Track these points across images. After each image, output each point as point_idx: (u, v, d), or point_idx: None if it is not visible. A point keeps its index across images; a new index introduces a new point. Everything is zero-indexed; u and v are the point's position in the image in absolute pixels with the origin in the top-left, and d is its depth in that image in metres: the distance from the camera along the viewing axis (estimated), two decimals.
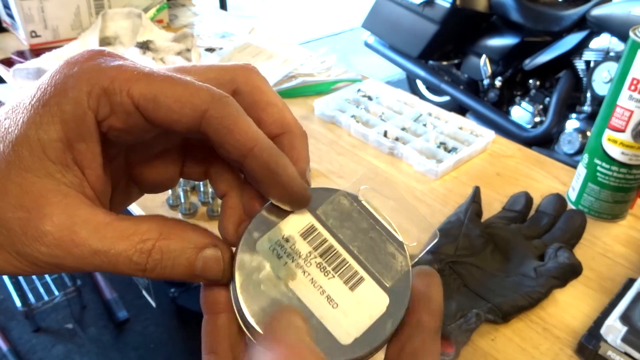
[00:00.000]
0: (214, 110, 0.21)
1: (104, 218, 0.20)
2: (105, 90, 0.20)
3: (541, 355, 0.49)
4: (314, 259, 0.22)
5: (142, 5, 1.16)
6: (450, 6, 2.22)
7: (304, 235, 0.23)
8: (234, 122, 0.21)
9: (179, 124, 0.21)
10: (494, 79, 2.26)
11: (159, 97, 0.20)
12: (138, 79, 0.20)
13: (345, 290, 0.22)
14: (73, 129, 0.20)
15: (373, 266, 0.23)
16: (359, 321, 0.21)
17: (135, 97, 0.20)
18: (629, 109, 0.59)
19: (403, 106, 0.90)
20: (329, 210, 0.24)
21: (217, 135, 0.21)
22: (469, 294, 0.52)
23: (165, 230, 0.21)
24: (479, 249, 0.57)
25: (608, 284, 0.57)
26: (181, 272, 0.21)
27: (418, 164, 0.75)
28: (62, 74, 0.20)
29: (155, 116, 0.21)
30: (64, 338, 1.50)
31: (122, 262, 0.20)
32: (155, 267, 0.20)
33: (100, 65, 0.21)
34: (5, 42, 1.10)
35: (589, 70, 1.91)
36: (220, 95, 0.21)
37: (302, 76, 0.98)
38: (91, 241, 0.19)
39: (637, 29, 0.58)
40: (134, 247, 0.20)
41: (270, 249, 0.22)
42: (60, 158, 0.20)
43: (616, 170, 0.62)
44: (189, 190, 0.67)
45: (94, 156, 0.21)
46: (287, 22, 4.13)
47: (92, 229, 0.20)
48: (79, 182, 0.20)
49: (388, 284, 0.22)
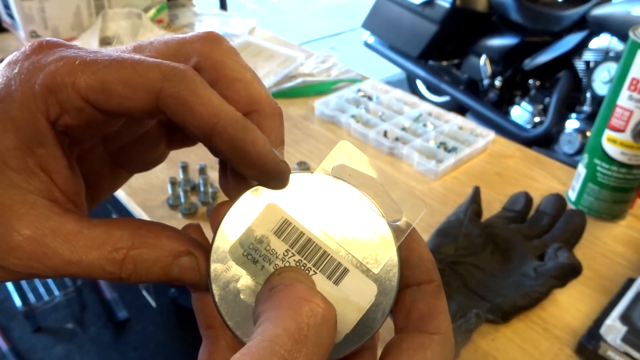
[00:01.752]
0: (168, 88, 0.19)
1: (74, 226, 0.19)
2: (49, 88, 0.18)
3: (541, 355, 0.49)
4: (292, 257, 0.21)
5: (142, 5, 1.16)
6: (450, 6, 2.22)
7: (277, 232, 0.21)
8: (191, 98, 0.19)
9: (135, 110, 0.19)
10: (494, 79, 2.26)
11: (107, 84, 0.18)
12: (82, 69, 0.18)
13: (330, 285, 0.20)
14: (27, 134, 0.19)
15: (357, 254, 0.21)
16: (348, 316, 0.20)
17: (82, 90, 0.18)
18: (628, 109, 0.59)
19: (403, 106, 0.90)
20: (301, 198, 0.21)
21: (177, 116, 0.19)
22: (469, 294, 0.52)
23: (137, 239, 0.20)
24: (479, 249, 0.57)
25: (608, 283, 0.57)
26: (157, 279, 0.20)
27: (418, 164, 0.75)
28: (4, 77, 0.19)
29: (108, 107, 0.19)
30: (64, 338, 1.50)
31: (95, 271, 0.19)
32: (129, 275, 0.20)
33: (40, 61, 0.19)
34: (5, 42, 1.10)
35: (589, 70, 1.91)
36: (173, 70, 0.19)
37: (302, 76, 0.98)
38: (62, 252, 0.19)
39: (637, 29, 0.58)
40: (105, 257, 0.19)
41: (244, 255, 0.21)
42: (22, 166, 0.19)
43: (616, 170, 0.62)
44: (189, 190, 0.67)
45: (57, 159, 0.19)
46: (287, 22, 4.13)
47: (62, 239, 0.19)
48: (46, 187, 0.19)
49: (375, 271, 0.21)
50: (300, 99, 0.94)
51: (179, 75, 0.19)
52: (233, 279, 0.20)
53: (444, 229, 0.59)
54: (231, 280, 0.20)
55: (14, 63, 0.19)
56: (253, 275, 0.20)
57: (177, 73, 0.19)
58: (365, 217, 0.21)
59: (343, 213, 0.21)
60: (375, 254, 0.21)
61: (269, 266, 0.20)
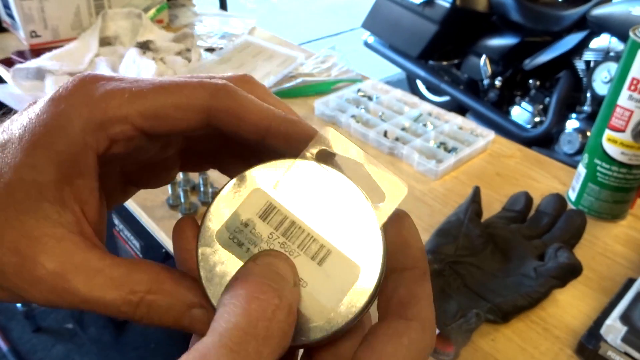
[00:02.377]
0: (216, 104, 0.20)
1: (97, 264, 0.20)
2: (101, 124, 0.20)
3: (541, 355, 0.49)
4: (277, 239, 0.21)
5: (142, 5, 1.16)
6: (450, 6, 2.22)
7: (262, 216, 0.21)
8: (240, 108, 0.20)
9: (187, 129, 0.20)
10: (494, 79, 2.26)
11: (158, 110, 0.20)
12: (131, 101, 0.20)
13: (314, 266, 0.21)
14: (69, 167, 0.20)
15: (340, 235, 0.21)
16: (332, 297, 0.20)
17: (136, 121, 0.20)
18: (629, 109, 0.59)
19: (403, 106, 0.90)
20: (286, 183, 0.22)
21: (229, 127, 0.21)
22: (469, 294, 0.52)
23: (155, 285, 0.20)
24: (479, 249, 0.57)
25: (608, 283, 0.57)
26: (169, 325, 0.21)
27: (418, 164, 0.75)
28: (50, 112, 0.20)
29: (160, 130, 0.20)
30: (64, 338, 1.50)
31: (111, 310, 0.20)
32: (142, 318, 0.20)
33: (87, 98, 0.20)
34: (5, 42, 1.10)
35: (589, 70, 1.91)
36: (217, 87, 0.21)
37: (302, 76, 0.98)
38: (82, 290, 0.19)
39: (637, 29, 0.58)
40: (122, 298, 0.19)
41: (230, 238, 0.21)
42: (57, 197, 0.19)
43: (616, 170, 0.62)
44: (189, 190, 0.67)
45: (92, 190, 0.21)
46: (287, 22, 4.13)
47: (84, 277, 0.19)
48: (76, 220, 0.20)
49: (359, 251, 0.21)
50: (300, 99, 0.94)
51: (224, 90, 0.21)
52: (219, 262, 0.21)
53: (444, 229, 0.59)
54: (217, 262, 0.21)
55: (58, 99, 0.20)
56: (239, 258, 0.21)
57: (221, 88, 0.21)
58: (348, 200, 0.22)
59: (327, 197, 0.22)
60: (359, 236, 0.21)
61: (254, 249, 0.21)
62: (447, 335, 0.47)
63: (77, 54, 0.98)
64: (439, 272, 0.53)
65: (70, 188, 0.20)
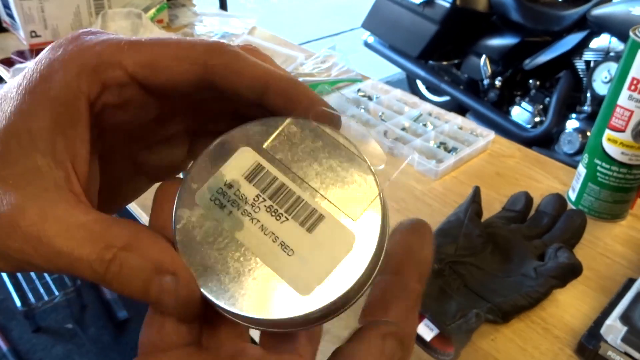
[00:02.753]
0: (214, 58, 0.20)
1: (80, 218, 0.18)
2: (95, 68, 0.19)
3: (541, 355, 0.49)
4: (263, 202, 0.19)
5: (142, 5, 1.16)
6: (450, 6, 2.22)
7: (249, 177, 0.19)
8: (239, 63, 0.20)
9: (182, 83, 0.20)
10: (494, 79, 2.26)
11: (155, 60, 0.20)
12: (128, 49, 0.20)
13: (302, 232, 0.19)
14: (62, 114, 0.19)
15: (334, 200, 0.19)
16: (321, 267, 0.18)
17: (129, 67, 0.20)
18: (629, 109, 0.59)
19: (403, 106, 0.90)
20: (277, 143, 0.20)
21: (227, 82, 0.20)
22: (469, 294, 0.52)
23: (132, 242, 0.18)
24: (479, 249, 0.57)
25: (608, 283, 0.57)
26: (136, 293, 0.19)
27: (418, 164, 0.75)
28: (47, 59, 0.20)
29: (155, 81, 0.20)
30: (64, 338, 1.50)
31: (83, 267, 0.18)
32: (112, 279, 0.18)
33: (84, 44, 0.20)
34: (5, 42, 1.10)
35: (589, 70, 1.91)
36: (214, 44, 0.20)
37: (302, 76, 0.98)
38: (57, 240, 0.18)
39: (637, 29, 0.58)
40: (96, 253, 0.18)
41: (212, 199, 0.19)
42: (49, 148, 0.19)
43: (616, 170, 0.62)
44: None
45: (84, 143, 0.20)
46: (287, 22, 4.13)
47: (63, 228, 0.18)
48: (66, 175, 0.19)
49: (354, 218, 0.19)
50: None
51: (222, 47, 0.20)
52: (197, 224, 0.19)
53: (444, 229, 0.59)
54: (195, 226, 0.19)
55: (57, 46, 0.20)
56: (219, 221, 0.19)
57: (219, 45, 0.20)
58: (346, 162, 0.20)
59: (323, 158, 0.20)
60: (356, 201, 0.19)
61: (237, 211, 0.19)
62: (447, 335, 0.47)
63: None
64: (439, 272, 0.53)
65: (63, 138, 0.19)
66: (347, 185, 0.19)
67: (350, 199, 0.19)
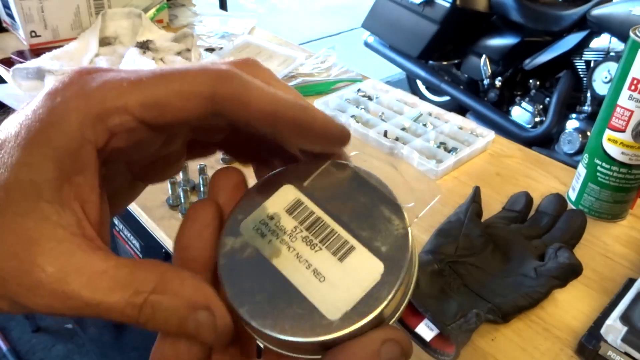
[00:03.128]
0: (220, 90, 0.19)
1: (100, 266, 0.18)
2: (99, 115, 0.18)
3: (541, 355, 0.49)
4: (300, 233, 0.21)
5: (142, 5, 1.16)
6: (450, 6, 2.22)
7: (289, 211, 0.22)
8: (246, 93, 0.19)
9: (191, 118, 0.19)
10: (494, 79, 2.26)
11: (160, 99, 0.19)
12: (130, 91, 0.19)
13: (334, 261, 0.20)
14: (68, 164, 0.18)
15: (365, 233, 0.21)
16: (350, 293, 0.20)
17: (136, 112, 0.19)
18: (629, 109, 0.59)
19: (403, 106, 0.90)
20: (317, 182, 0.22)
21: (236, 115, 0.19)
22: (469, 294, 0.52)
23: (160, 285, 0.19)
24: (479, 249, 0.57)
25: (608, 284, 0.57)
26: (173, 330, 0.19)
27: (418, 164, 0.75)
28: (45, 107, 0.19)
29: (162, 121, 0.19)
30: (64, 338, 1.50)
31: (115, 314, 0.18)
32: (147, 321, 0.19)
33: (84, 89, 0.19)
34: (5, 42, 1.10)
35: (589, 70, 1.91)
36: (220, 73, 0.19)
37: (302, 76, 0.98)
38: (83, 293, 0.18)
39: (637, 29, 0.58)
40: (126, 301, 0.18)
41: (254, 229, 0.21)
42: (56, 197, 0.18)
43: (616, 170, 0.62)
44: (189, 190, 0.67)
45: (93, 188, 0.19)
46: (287, 22, 4.13)
47: (86, 279, 0.18)
48: (76, 220, 0.19)
49: (383, 250, 0.20)
50: None
51: (228, 75, 0.19)
52: (239, 251, 0.21)
53: (444, 229, 0.59)
54: (237, 251, 0.21)
55: (54, 93, 0.19)
56: (259, 249, 0.21)
57: (225, 73, 0.19)
58: (378, 200, 0.22)
59: (357, 196, 0.22)
60: (385, 235, 0.21)
61: (275, 240, 0.21)
62: (447, 335, 0.47)
63: (77, 54, 0.98)
64: (439, 272, 0.53)
65: (70, 186, 0.19)
66: (378, 221, 0.21)
67: (380, 234, 0.21)
